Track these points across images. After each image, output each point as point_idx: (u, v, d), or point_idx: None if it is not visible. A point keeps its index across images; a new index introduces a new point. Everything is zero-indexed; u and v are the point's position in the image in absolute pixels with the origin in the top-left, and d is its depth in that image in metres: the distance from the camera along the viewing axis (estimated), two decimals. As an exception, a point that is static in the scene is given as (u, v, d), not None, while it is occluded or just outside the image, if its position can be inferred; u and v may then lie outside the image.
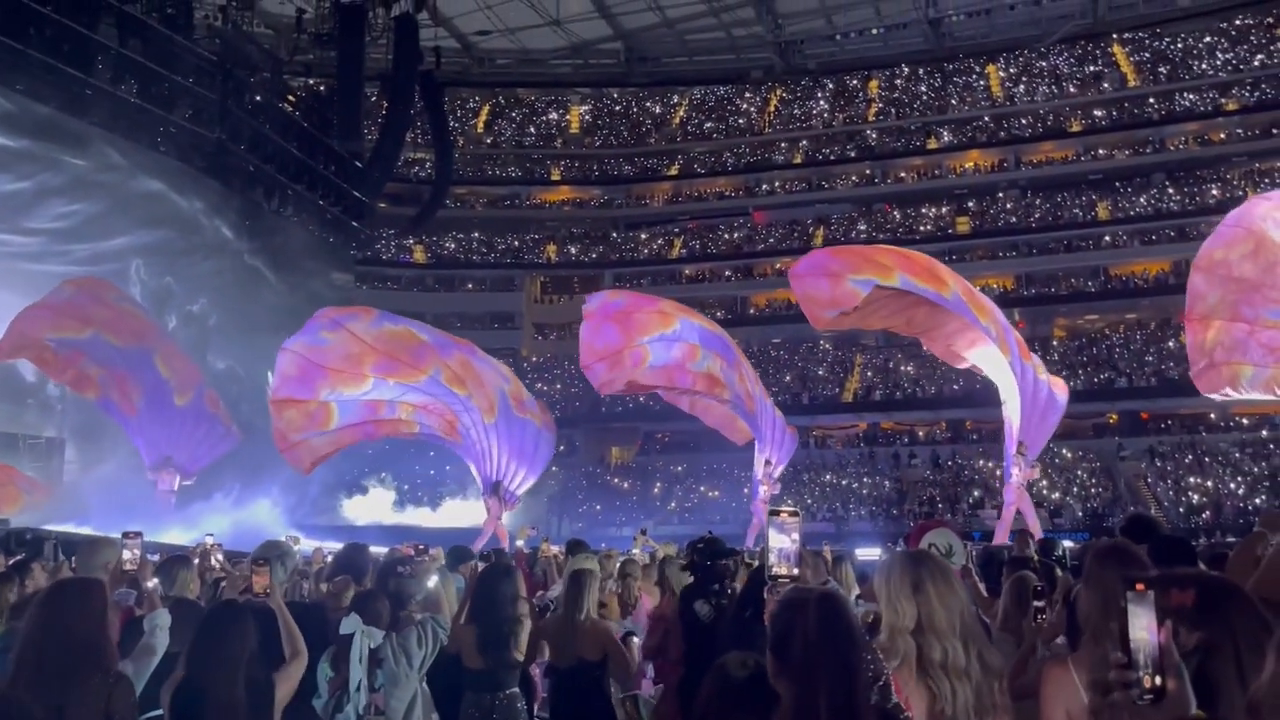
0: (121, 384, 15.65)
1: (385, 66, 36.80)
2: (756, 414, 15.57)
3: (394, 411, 14.73)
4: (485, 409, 14.56)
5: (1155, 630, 1.55)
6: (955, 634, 2.56)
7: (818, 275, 11.24)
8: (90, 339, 15.20)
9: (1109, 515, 31.43)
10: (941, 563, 2.85)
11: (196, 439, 16.32)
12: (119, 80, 23.63)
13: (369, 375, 13.89)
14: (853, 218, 49.05)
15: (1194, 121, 45.01)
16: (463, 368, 14.57)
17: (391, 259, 49.66)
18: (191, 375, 16.43)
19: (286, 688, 3.67)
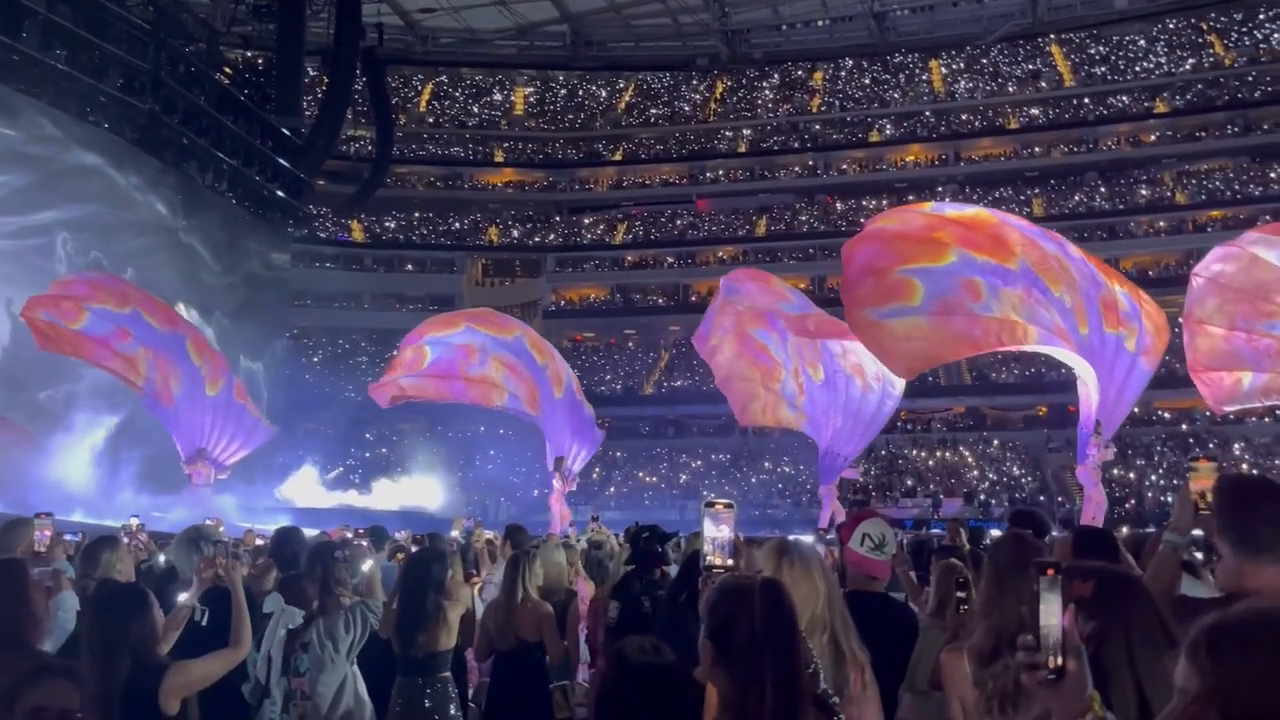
0: (163, 369, 14.74)
1: (326, 41, 36.08)
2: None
3: (484, 364, 14.47)
4: (555, 382, 14.46)
5: (1061, 614, 1.63)
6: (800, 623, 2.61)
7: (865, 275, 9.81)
8: (131, 315, 14.29)
9: (1035, 505, 32.21)
10: (805, 553, 2.91)
11: (229, 432, 15.58)
12: (47, 46, 22.82)
13: (461, 323, 14.27)
14: (795, 208, 49.45)
15: (1126, 122, 46.18)
16: (541, 340, 14.76)
17: (330, 238, 48.86)
18: (220, 364, 15.63)
19: (211, 669, 3.61)
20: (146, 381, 14.98)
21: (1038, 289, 9.57)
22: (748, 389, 13.48)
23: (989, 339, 9.34)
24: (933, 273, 9.30)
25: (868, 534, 4.03)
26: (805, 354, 12.85)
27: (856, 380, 12.79)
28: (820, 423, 13.42)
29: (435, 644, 4.97)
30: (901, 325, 8.96)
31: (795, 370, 13.10)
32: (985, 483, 36.32)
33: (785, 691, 2.12)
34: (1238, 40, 46.51)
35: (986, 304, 9.25)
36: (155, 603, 3.47)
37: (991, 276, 9.38)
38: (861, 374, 12.73)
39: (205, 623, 3.92)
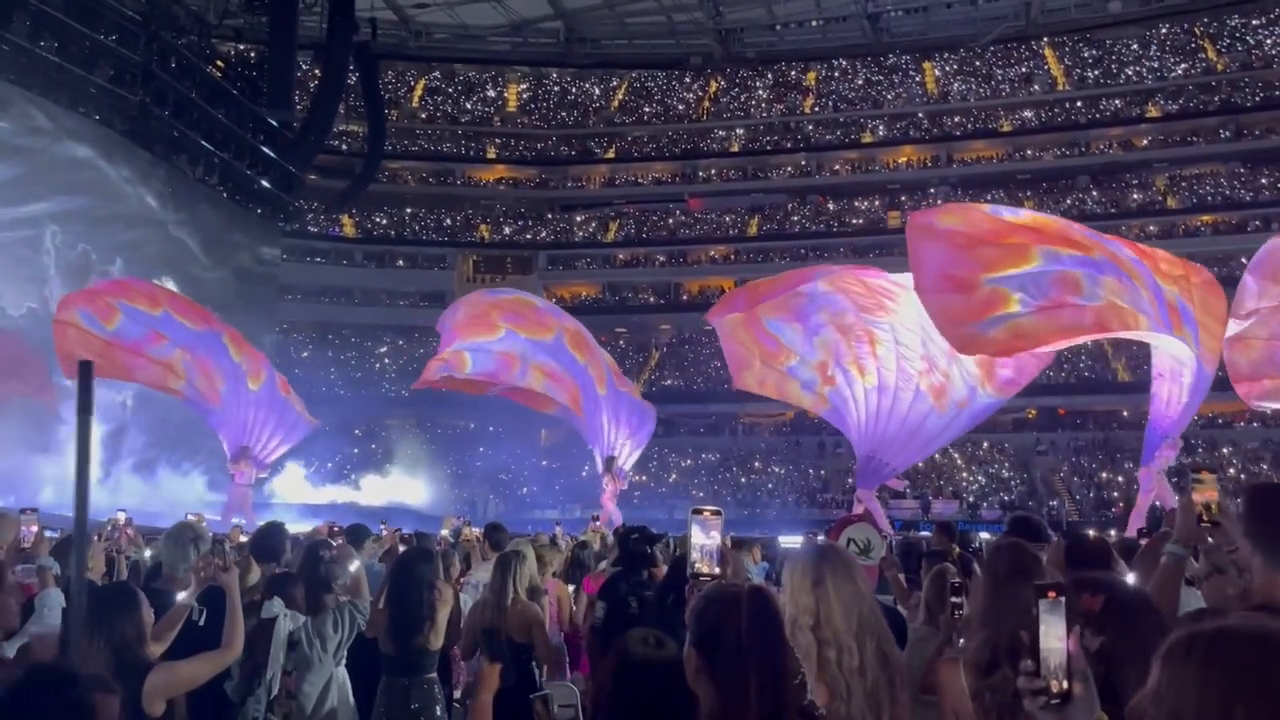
0: (204, 369, 14.55)
1: (319, 35, 35.90)
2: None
3: (525, 375, 14.38)
4: (598, 379, 14.28)
5: (1065, 637, 1.59)
6: (850, 631, 2.57)
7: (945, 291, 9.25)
8: (163, 317, 14.05)
9: (1023, 509, 32.28)
10: (845, 557, 2.86)
11: (271, 428, 15.41)
12: (37, 36, 22.68)
13: (500, 324, 13.91)
14: (788, 208, 49.49)
15: (1118, 126, 46.34)
16: (578, 334, 14.48)
17: (320, 232, 48.70)
18: (259, 358, 15.40)
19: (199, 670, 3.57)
20: (187, 384, 14.72)
21: (1125, 282, 9.45)
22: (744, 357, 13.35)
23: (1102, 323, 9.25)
24: (1021, 277, 9.17)
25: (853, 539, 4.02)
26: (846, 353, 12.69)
27: (929, 399, 12.55)
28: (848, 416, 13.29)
29: (419, 645, 4.94)
30: (1005, 330, 8.84)
31: (823, 364, 12.97)
32: (975, 485, 36.40)
33: (770, 702, 2.08)
34: (1230, 45, 46.70)
35: (1091, 292, 9.07)
36: (144, 601, 3.43)
37: (1085, 267, 9.23)
38: (940, 395, 12.50)
39: (203, 622, 3.89)
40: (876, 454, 13.19)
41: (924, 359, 12.27)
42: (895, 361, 12.41)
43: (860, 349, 12.55)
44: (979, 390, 12.47)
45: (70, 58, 23.50)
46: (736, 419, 42.48)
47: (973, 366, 12.15)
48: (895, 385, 12.54)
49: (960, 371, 12.24)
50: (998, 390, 12.54)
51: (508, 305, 14.59)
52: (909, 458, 13.62)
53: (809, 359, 13.00)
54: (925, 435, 13.03)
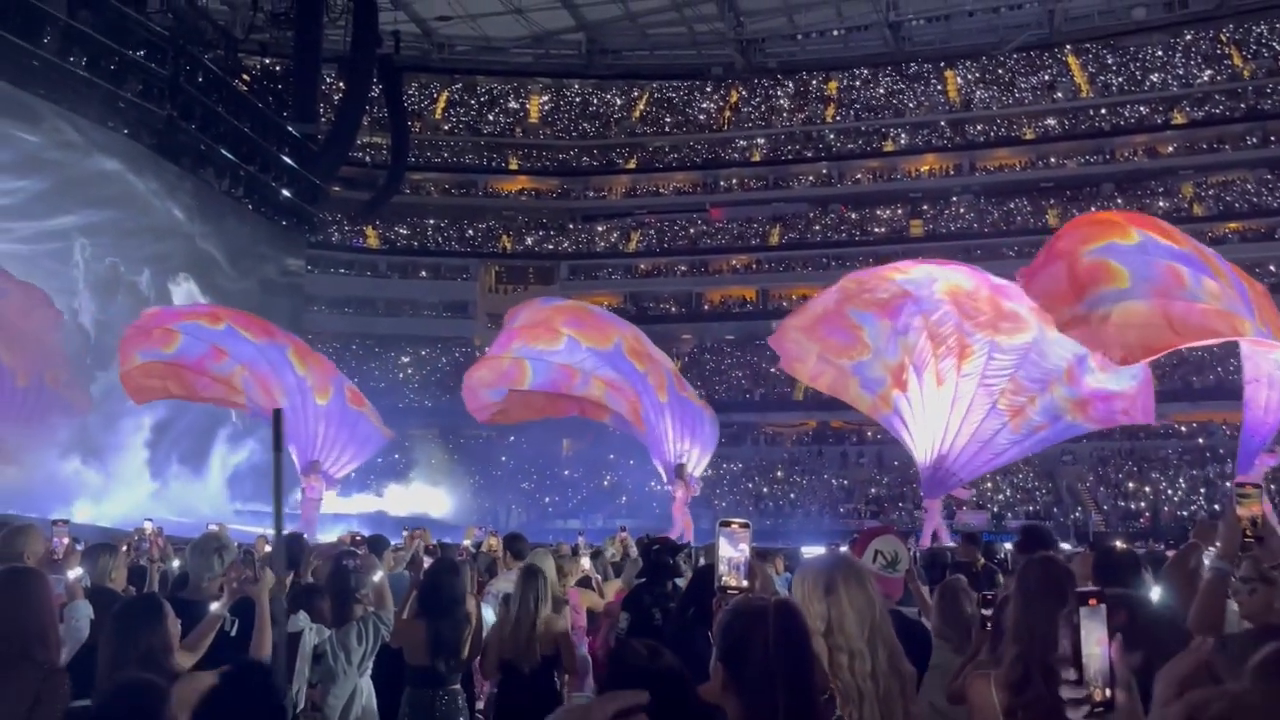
0: (263, 383, 14.39)
1: (343, 48, 36.28)
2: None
3: (586, 385, 14.15)
4: (659, 386, 14.05)
5: (1106, 644, 1.59)
6: (863, 637, 2.57)
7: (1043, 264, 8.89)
8: (226, 331, 14.05)
9: (1049, 518, 32.01)
10: (857, 566, 2.86)
11: (341, 442, 15.17)
12: (67, 52, 23.01)
13: (562, 331, 13.67)
14: (809, 217, 49.40)
15: (1143, 134, 45.99)
16: (637, 341, 14.20)
17: (344, 243, 49.06)
18: (327, 370, 15.18)
19: None
20: (248, 399, 14.69)
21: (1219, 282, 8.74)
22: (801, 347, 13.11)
23: (1213, 328, 8.46)
24: (1124, 251, 8.46)
25: (880, 551, 4.00)
26: (929, 361, 12.42)
27: (1005, 416, 12.33)
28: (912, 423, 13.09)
29: (454, 660, 4.97)
30: (1118, 313, 8.17)
31: (900, 366, 12.68)
32: (1000, 495, 36.12)
33: (798, 717, 2.07)
34: (1256, 51, 46.25)
35: (1194, 292, 8.38)
36: (170, 613, 3.46)
37: (1186, 263, 8.57)
38: (1017, 414, 12.25)
39: (235, 633, 3.91)
40: (942, 464, 12.98)
41: (1012, 379, 12.08)
42: (979, 376, 12.21)
43: (947, 361, 12.32)
44: (1064, 419, 12.26)
45: (99, 73, 23.82)
46: (759, 429, 42.38)
47: (1062, 400, 11.95)
48: (971, 398, 12.38)
49: (1049, 402, 12.05)
50: (1088, 420, 12.31)
51: (569, 311, 14.42)
52: (975, 469, 13.42)
53: (886, 358, 12.71)
54: (994, 449, 12.88)
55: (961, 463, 12.93)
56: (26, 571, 3.14)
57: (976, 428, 12.52)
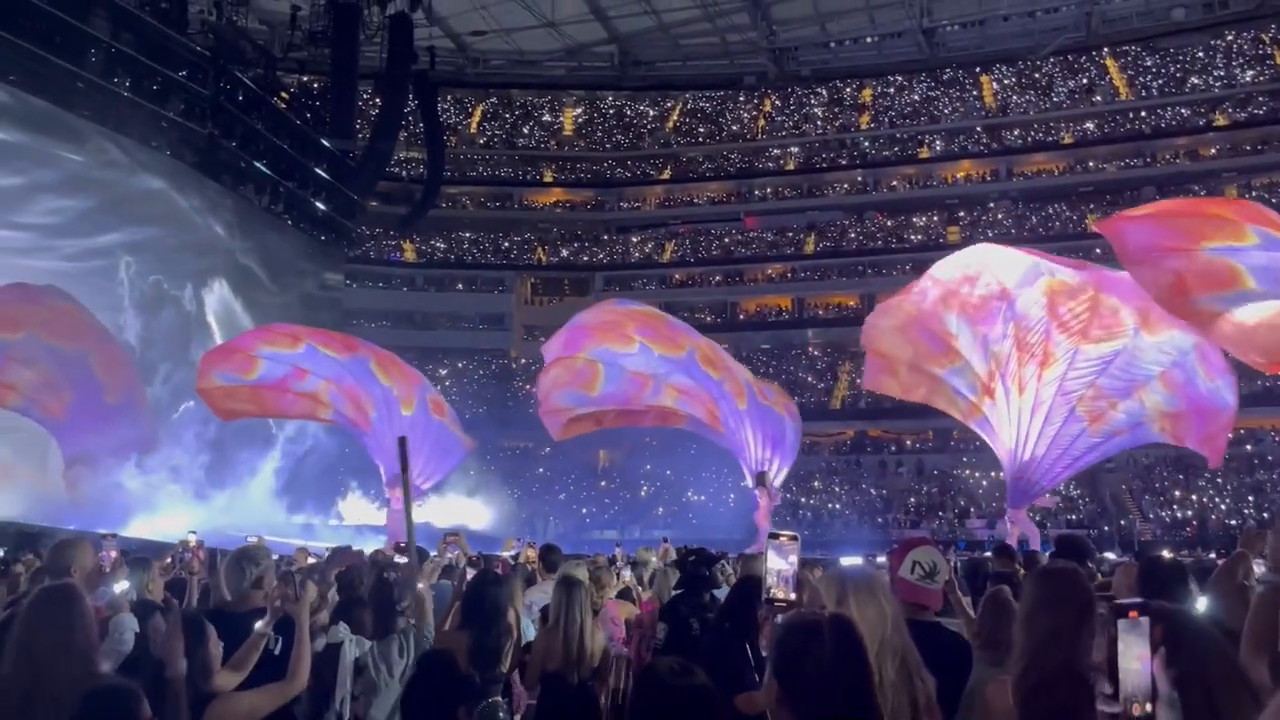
0: (351, 397, 14.55)
1: (379, 65, 36.72)
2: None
3: (659, 394, 13.90)
4: (737, 394, 13.83)
5: (1147, 659, 1.55)
6: (872, 648, 2.55)
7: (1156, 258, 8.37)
8: (306, 352, 14.27)
9: (1093, 528, 31.55)
10: (870, 578, 2.85)
11: (424, 454, 14.99)
12: (110, 74, 23.52)
13: (634, 337, 13.45)
14: (844, 225, 49.19)
15: (1184, 136, 45.32)
16: (711, 350, 13.99)
17: (381, 258, 49.55)
18: (411, 381, 15.19)
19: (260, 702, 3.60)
20: (335, 413, 14.83)
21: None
22: (891, 359, 12.86)
23: None
24: (1244, 253, 7.96)
25: (918, 562, 3.95)
26: (1013, 370, 12.21)
27: (1083, 421, 12.13)
28: (1000, 432, 12.86)
29: (496, 672, 4.99)
30: (1247, 314, 7.86)
31: (989, 374, 12.51)
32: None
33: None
34: (1300, 51, 45.49)
35: None
36: (213, 634, 3.47)
37: None
38: (1096, 420, 12.05)
39: (279, 652, 3.91)
40: (1025, 473, 12.76)
41: (1093, 387, 11.83)
42: (1059, 383, 11.99)
43: (1029, 367, 12.11)
44: (1147, 427, 11.98)
45: (143, 93, 24.34)
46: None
47: (1151, 408, 11.67)
48: (1051, 404, 12.15)
49: (1135, 408, 11.82)
50: (1172, 434, 12.03)
51: (640, 317, 14.13)
52: (1056, 476, 13.15)
53: (976, 367, 12.54)
54: (1072, 454, 12.63)
55: (1043, 470, 12.68)
56: (62, 588, 3.15)
57: (1056, 433, 12.32)
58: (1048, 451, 12.49)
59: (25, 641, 2.89)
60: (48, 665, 2.84)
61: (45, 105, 21.98)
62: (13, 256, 21.36)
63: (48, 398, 15.38)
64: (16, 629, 2.97)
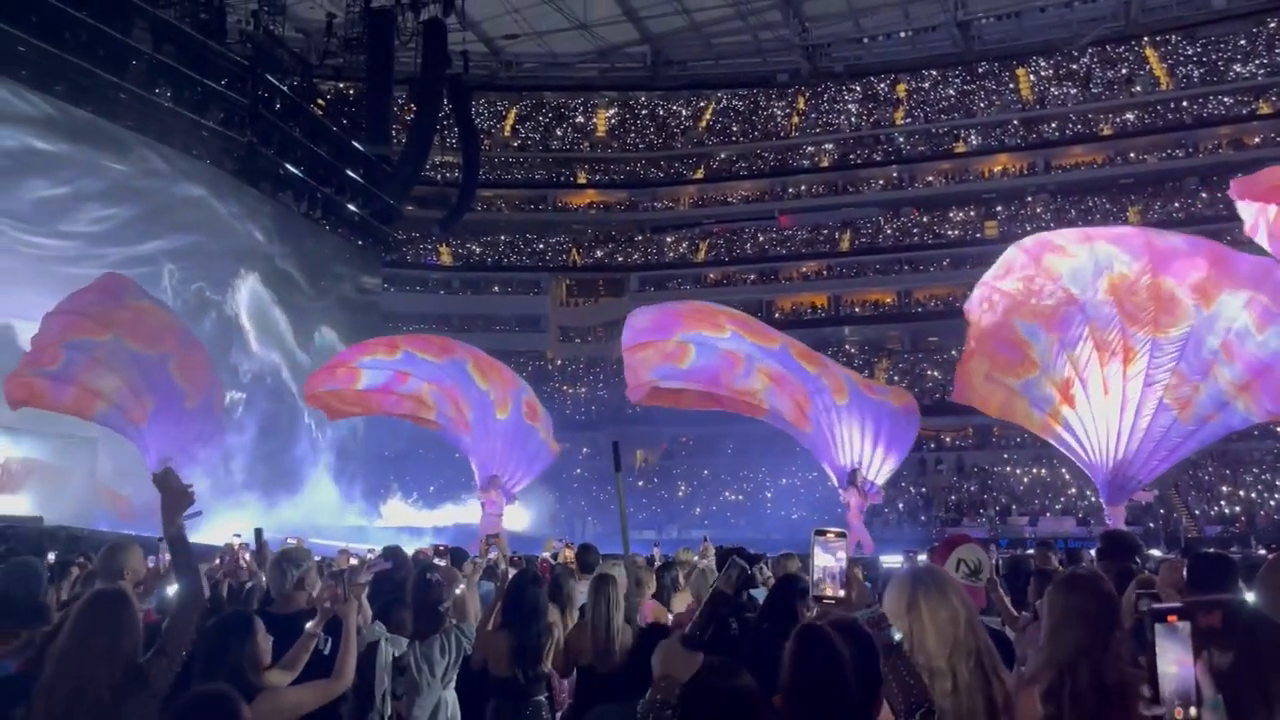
0: (452, 398, 14.74)
1: (414, 70, 37.01)
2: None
3: (749, 376, 13.51)
4: (836, 389, 13.52)
5: (1189, 663, 1.55)
6: (944, 655, 2.53)
7: None
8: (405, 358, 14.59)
9: (1139, 523, 31.08)
10: (941, 579, 2.82)
11: (515, 457, 15.17)
12: (152, 84, 23.92)
13: (726, 326, 13.35)
14: (879, 221, 48.85)
15: (1227, 125, 44.50)
16: (806, 348, 13.80)
17: (418, 261, 49.96)
18: (507, 383, 15.36)
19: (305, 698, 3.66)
20: (439, 414, 15.01)
21: None
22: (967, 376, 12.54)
23: None
24: None
25: (963, 559, 3.94)
26: (1094, 372, 12.04)
27: (1173, 411, 11.99)
28: (1087, 438, 12.61)
29: (538, 670, 5.03)
30: None
31: (1067, 381, 12.31)
32: (1084, 500, 35.19)
33: None
34: (1346, 36, 44.53)
35: None
36: (261, 629, 3.54)
37: None
38: (1185, 407, 11.91)
39: (328, 652, 3.97)
40: (1121, 470, 12.54)
41: (1175, 373, 11.69)
42: (1144, 375, 11.87)
43: (1112, 366, 11.92)
44: (1232, 407, 11.86)
45: (183, 103, 24.72)
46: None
47: (1226, 385, 11.57)
48: (1140, 398, 12.00)
49: (1214, 389, 11.67)
50: (1256, 406, 11.82)
51: (732, 313, 14.11)
52: (1153, 469, 12.97)
53: (1053, 374, 12.33)
54: (1168, 445, 12.39)
55: (1139, 465, 12.44)
56: (111, 593, 3.20)
57: (1148, 427, 12.13)
58: (1141, 446, 12.29)
59: (71, 645, 2.94)
60: (91, 669, 2.89)
61: (88, 116, 22.40)
62: (60, 265, 21.78)
63: (131, 404, 15.51)
64: (64, 633, 3.02)
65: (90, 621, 2.98)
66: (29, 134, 21.22)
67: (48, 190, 21.67)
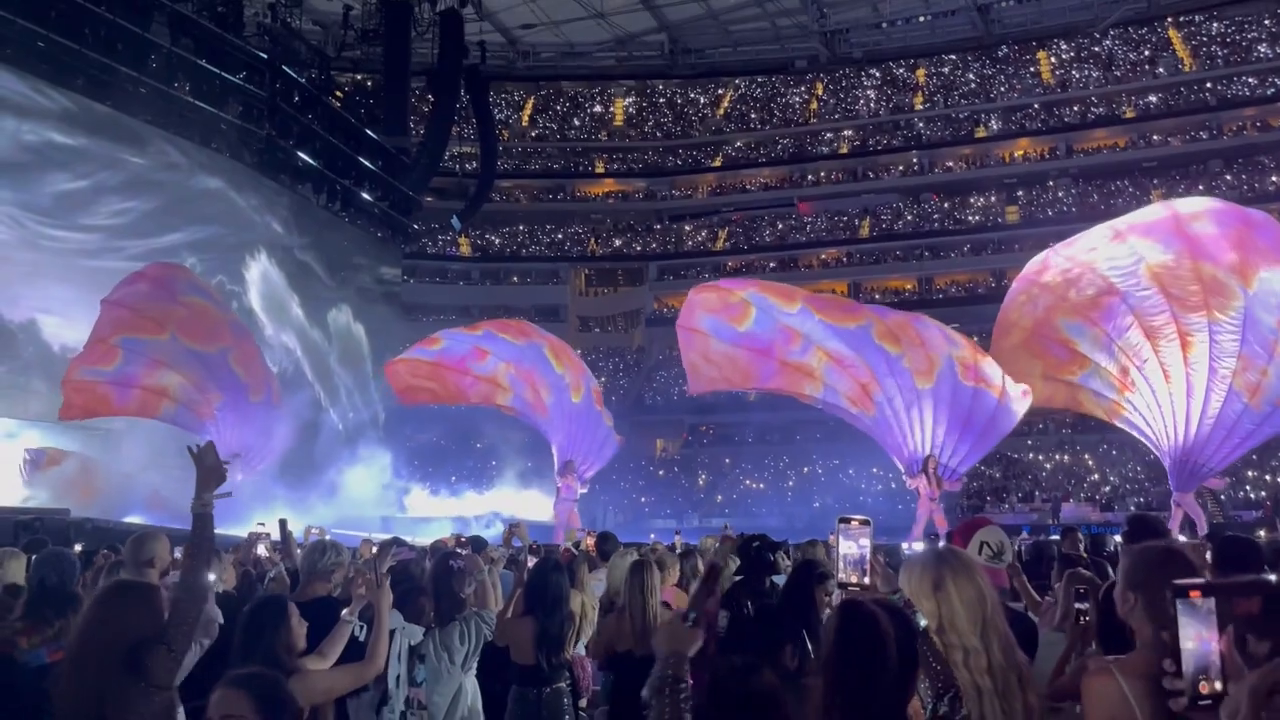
0: (530, 380, 14.82)
1: (431, 61, 37.06)
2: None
3: (807, 353, 13.16)
4: (921, 371, 12.98)
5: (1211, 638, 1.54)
6: (976, 634, 2.52)
7: None
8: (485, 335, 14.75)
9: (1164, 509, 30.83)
10: (965, 559, 2.81)
11: (586, 442, 15.21)
12: (171, 78, 24.05)
13: (798, 301, 13.08)
14: (899, 208, 48.56)
15: (1252, 106, 43.91)
16: (900, 328, 13.08)
17: (438, 252, 50.08)
18: (579, 370, 15.35)
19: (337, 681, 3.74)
20: (516, 398, 15.07)
21: None
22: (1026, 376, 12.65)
23: None
24: None
25: (986, 542, 3.91)
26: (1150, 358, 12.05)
27: (1243, 397, 11.93)
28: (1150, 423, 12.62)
29: (560, 657, 5.05)
30: None
31: (1123, 370, 12.35)
32: (1107, 486, 34.95)
33: None
34: (1374, 14, 43.83)
35: None
36: (295, 614, 3.59)
37: None
38: (1255, 393, 11.84)
39: (363, 638, 4.05)
40: (1190, 457, 12.52)
41: (1240, 358, 11.64)
42: (1207, 362, 11.79)
43: (1169, 352, 11.90)
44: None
45: (202, 97, 24.84)
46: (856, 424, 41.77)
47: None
48: (1206, 387, 11.94)
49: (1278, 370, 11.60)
50: None
51: (814, 295, 13.90)
52: (1226, 456, 12.76)
53: (1106, 365, 12.35)
54: (1240, 433, 12.38)
55: (1210, 452, 12.45)
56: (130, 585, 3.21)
57: (1218, 414, 12.07)
58: (1212, 433, 12.24)
59: (83, 635, 2.96)
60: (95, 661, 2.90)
61: (108, 110, 22.54)
62: (82, 258, 21.98)
63: (198, 401, 15.56)
64: (79, 623, 3.06)
65: (102, 612, 2.99)
66: (49, 129, 21.40)
67: (68, 184, 21.85)
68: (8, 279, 20.21)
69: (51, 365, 21.39)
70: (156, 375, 15.15)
